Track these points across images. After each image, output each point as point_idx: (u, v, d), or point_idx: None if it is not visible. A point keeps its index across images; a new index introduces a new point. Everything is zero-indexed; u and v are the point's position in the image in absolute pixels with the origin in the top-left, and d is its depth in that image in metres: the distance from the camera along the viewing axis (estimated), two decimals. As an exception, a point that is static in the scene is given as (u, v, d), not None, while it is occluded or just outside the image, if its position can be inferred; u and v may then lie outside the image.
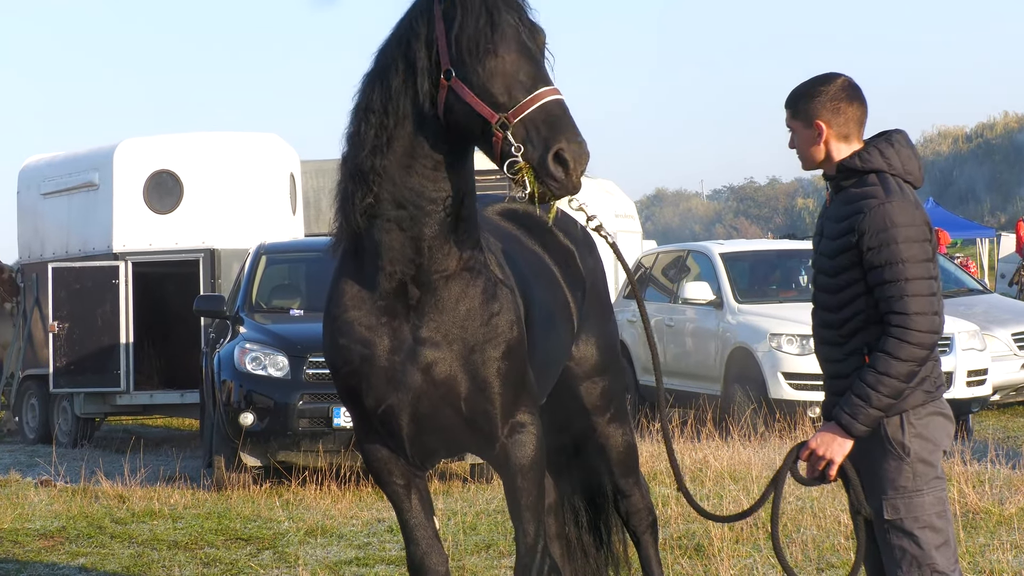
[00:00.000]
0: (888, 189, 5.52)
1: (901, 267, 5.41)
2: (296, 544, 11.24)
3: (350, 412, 6.54)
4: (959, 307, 20.05)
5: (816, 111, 5.64)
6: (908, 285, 5.40)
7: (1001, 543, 10.04)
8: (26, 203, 21.18)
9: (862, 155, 5.60)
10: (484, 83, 5.72)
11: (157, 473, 15.41)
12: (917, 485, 5.56)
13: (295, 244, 17.93)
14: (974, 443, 15.68)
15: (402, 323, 6.13)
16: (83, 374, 19.09)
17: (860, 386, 5.44)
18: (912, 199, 5.53)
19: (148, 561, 10.82)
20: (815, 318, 5.79)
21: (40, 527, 12.43)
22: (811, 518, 11.03)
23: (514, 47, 5.75)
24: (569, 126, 5.59)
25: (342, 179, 6.23)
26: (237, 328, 14.92)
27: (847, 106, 5.64)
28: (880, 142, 5.62)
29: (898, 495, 5.58)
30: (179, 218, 19.15)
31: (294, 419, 13.83)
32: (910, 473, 5.56)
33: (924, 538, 5.55)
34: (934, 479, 5.59)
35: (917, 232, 5.45)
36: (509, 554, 10.22)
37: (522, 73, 5.71)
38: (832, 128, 5.62)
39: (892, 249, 5.41)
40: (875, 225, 5.44)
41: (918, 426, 5.56)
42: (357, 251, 6.20)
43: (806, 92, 5.68)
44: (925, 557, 5.55)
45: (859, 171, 5.60)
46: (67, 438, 19.47)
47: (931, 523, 5.56)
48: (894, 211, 5.45)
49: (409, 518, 6.54)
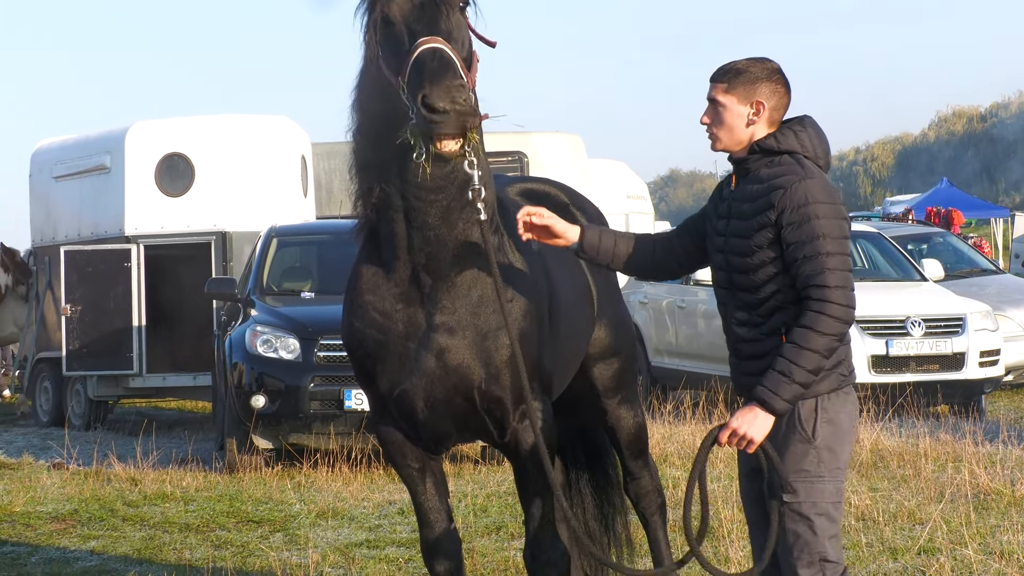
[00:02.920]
0: (805, 167, 5.53)
1: (821, 242, 5.41)
2: (307, 526, 11.26)
3: (366, 394, 6.57)
4: (972, 287, 20.06)
5: (757, 90, 5.61)
6: (828, 260, 5.39)
7: (1012, 524, 10.03)
8: (38, 186, 21.17)
9: (778, 136, 5.59)
10: (388, 54, 5.77)
11: (169, 456, 15.43)
12: (820, 471, 5.55)
13: (306, 227, 17.92)
14: (986, 424, 15.67)
15: (417, 309, 6.14)
16: (96, 357, 19.11)
17: (781, 362, 5.41)
18: (827, 179, 5.56)
19: (160, 544, 10.85)
20: (728, 300, 5.75)
21: (52, 510, 12.46)
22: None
23: (405, 10, 5.76)
24: (431, 71, 5.51)
25: (352, 170, 6.27)
26: (248, 311, 14.93)
27: (784, 92, 5.65)
28: (794, 125, 5.62)
29: (800, 479, 5.55)
30: (191, 201, 19.14)
31: (305, 401, 13.84)
32: (815, 459, 5.55)
33: (819, 525, 5.54)
34: (837, 469, 5.58)
35: (836, 210, 5.46)
36: (519, 536, 10.22)
37: (407, 34, 5.71)
38: (768, 110, 5.61)
39: (812, 224, 5.41)
40: (795, 201, 5.44)
41: (830, 411, 5.55)
42: (375, 238, 6.23)
43: (747, 69, 5.64)
44: (817, 544, 5.54)
45: (774, 152, 5.59)
46: (80, 421, 19.50)
47: (828, 512, 5.56)
48: (814, 187, 5.46)
49: (423, 501, 6.55)
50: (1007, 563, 8.78)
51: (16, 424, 21.02)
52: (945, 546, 9.31)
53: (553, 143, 22.73)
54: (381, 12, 5.79)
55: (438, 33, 5.66)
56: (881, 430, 14.28)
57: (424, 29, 5.68)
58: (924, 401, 16.58)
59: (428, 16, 5.73)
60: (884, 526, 10.13)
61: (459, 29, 5.82)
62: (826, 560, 5.54)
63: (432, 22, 5.71)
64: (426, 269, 6.08)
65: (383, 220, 6.13)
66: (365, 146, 6.13)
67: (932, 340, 16.98)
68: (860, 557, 9.26)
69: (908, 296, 17.93)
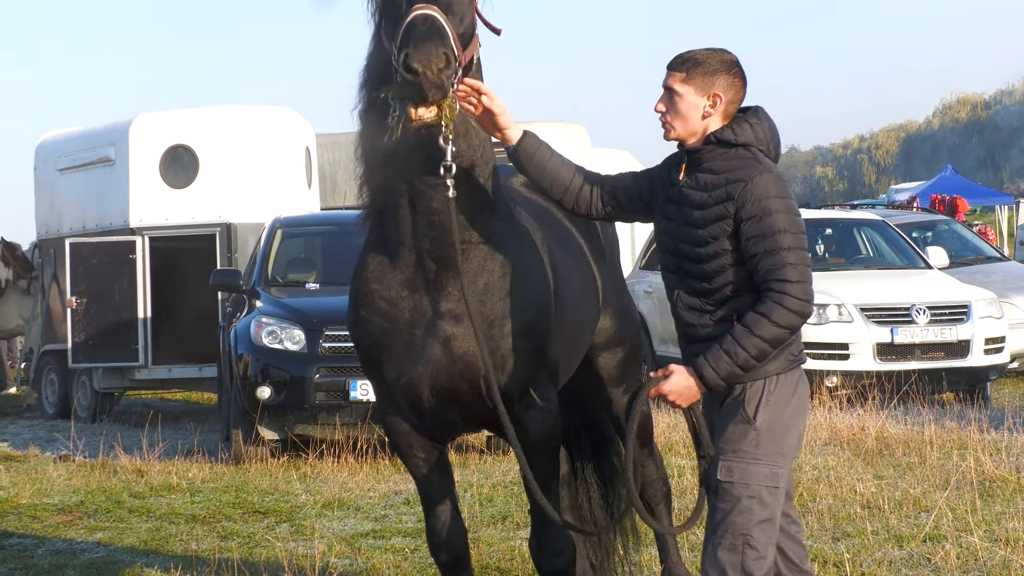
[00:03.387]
0: (762, 161, 5.54)
1: (781, 237, 5.43)
2: (313, 517, 11.27)
3: (372, 384, 6.57)
4: (977, 275, 20.05)
5: (715, 82, 5.60)
6: (788, 255, 5.42)
7: (1018, 511, 10.03)
8: (43, 179, 21.18)
9: (735, 128, 5.59)
10: (389, 26, 5.78)
11: (175, 447, 15.45)
12: (757, 454, 5.54)
13: (311, 218, 17.93)
14: (991, 411, 15.66)
15: (422, 296, 6.14)
16: (101, 349, 19.14)
17: (729, 341, 5.43)
18: (779, 173, 5.57)
19: (166, 535, 10.86)
20: (677, 284, 5.75)
21: (59, 502, 12.47)
22: (827, 488, 11.03)
23: None
24: (419, 34, 5.50)
25: (359, 156, 6.26)
26: (253, 302, 14.93)
27: (741, 86, 5.65)
28: (750, 117, 5.61)
29: (736, 458, 5.55)
30: (195, 192, 19.15)
31: (311, 392, 13.85)
32: (754, 440, 5.54)
33: (749, 507, 5.51)
34: (777, 454, 5.56)
35: (790, 204, 5.50)
36: (524, 526, 10.22)
37: (405, 3, 5.68)
38: (725, 100, 5.60)
39: (773, 219, 5.44)
40: (756, 194, 5.45)
41: (776, 394, 5.56)
42: (380, 225, 6.23)
43: (706, 60, 5.62)
44: (744, 527, 5.50)
45: (731, 144, 5.58)
46: (86, 413, 19.53)
47: (760, 495, 5.52)
48: (772, 182, 5.48)
49: (429, 491, 6.56)
50: (1013, 550, 8.78)
51: (22, 416, 21.05)
52: (951, 533, 9.31)
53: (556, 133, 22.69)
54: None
55: (435, 2, 5.64)
56: (886, 418, 14.29)
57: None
58: (929, 389, 16.58)
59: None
60: (889, 514, 10.13)
61: (460, 4, 5.79)
62: (750, 545, 5.49)
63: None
64: (431, 255, 6.08)
65: (388, 205, 6.13)
66: (371, 127, 6.13)
67: (937, 328, 16.98)
68: (866, 545, 9.26)
69: (913, 284, 17.93)
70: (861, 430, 13.60)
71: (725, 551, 5.51)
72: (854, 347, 16.84)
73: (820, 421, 14.26)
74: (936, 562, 8.69)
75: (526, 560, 8.96)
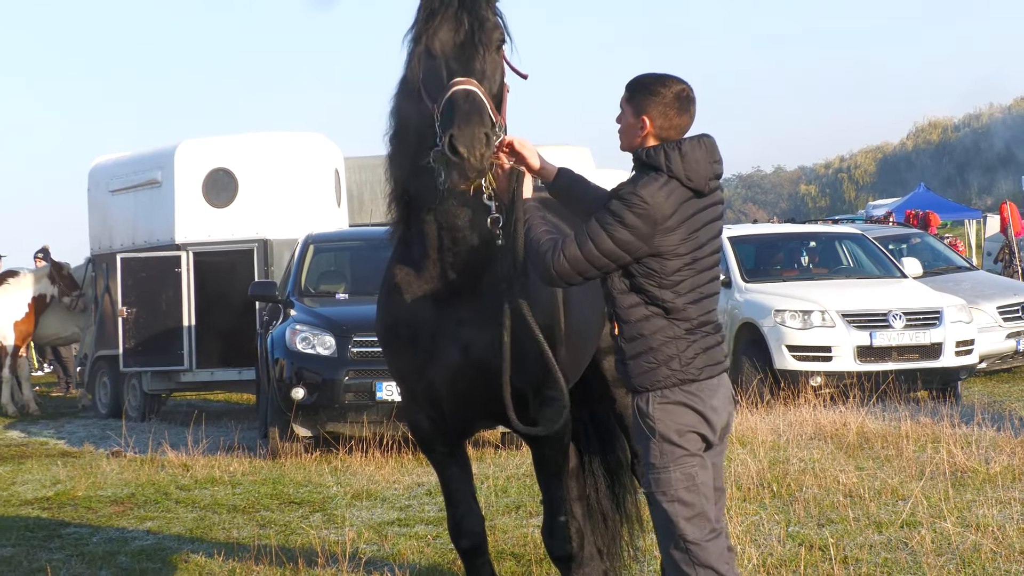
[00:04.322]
0: (650, 180, 5.48)
1: (604, 210, 5.47)
2: (343, 507, 11.27)
3: (398, 385, 6.58)
4: (948, 283, 20.03)
5: (647, 108, 5.56)
6: (594, 222, 5.46)
7: (987, 499, 10.01)
8: (96, 199, 21.21)
9: (650, 152, 5.54)
10: (426, 82, 5.75)
11: (217, 443, 15.45)
12: (664, 463, 5.55)
13: (340, 234, 17.93)
14: (962, 408, 15.63)
15: (445, 306, 6.14)
16: (150, 354, 19.15)
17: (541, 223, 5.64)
18: (671, 193, 5.45)
19: (210, 524, 10.86)
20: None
21: (111, 494, 12.48)
22: (812, 478, 11.01)
23: (446, 46, 5.76)
24: (462, 115, 5.50)
25: (387, 175, 6.27)
26: (288, 311, 14.94)
27: (675, 115, 5.56)
28: (677, 144, 5.52)
29: (651, 471, 5.59)
30: (235, 211, 19.16)
31: (341, 393, 13.86)
32: (658, 451, 5.56)
33: (672, 511, 5.54)
34: (682, 457, 5.55)
35: (629, 200, 5.42)
36: (536, 514, 10.22)
37: (446, 69, 5.70)
38: (654, 128, 5.56)
39: (612, 200, 5.48)
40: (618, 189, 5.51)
41: (665, 407, 5.54)
42: (407, 240, 6.23)
43: (646, 87, 5.58)
44: (675, 528, 5.55)
45: (642, 162, 5.56)
46: (136, 412, 19.54)
47: (679, 497, 5.54)
48: (630, 183, 5.47)
49: (450, 483, 6.56)
50: (982, 535, 8.76)
51: (78, 416, 21.07)
52: (926, 520, 9.29)
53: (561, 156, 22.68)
54: (425, 46, 5.78)
55: (472, 74, 5.66)
56: (866, 414, 14.27)
57: (460, 68, 5.68)
58: (905, 387, 16.55)
59: (466, 55, 5.73)
60: (869, 502, 10.11)
61: (493, 68, 5.81)
62: (686, 540, 5.53)
63: (468, 62, 5.72)
64: (454, 268, 6.08)
65: (415, 221, 6.13)
66: (400, 151, 6.13)
67: (912, 332, 16.96)
68: (848, 530, 9.25)
69: (890, 292, 17.90)
70: (843, 425, 13.58)
71: (672, 551, 5.60)
72: (836, 349, 16.82)
73: (805, 417, 14.25)
74: (912, 546, 8.68)
75: (538, 546, 8.95)
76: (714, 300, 5.70)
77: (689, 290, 5.54)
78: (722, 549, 5.60)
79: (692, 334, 5.55)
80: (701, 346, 5.58)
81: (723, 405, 5.68)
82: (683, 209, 5.48)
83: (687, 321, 5.54)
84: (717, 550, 5.57)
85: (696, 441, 5.59)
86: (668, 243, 5.48)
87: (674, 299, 5.52)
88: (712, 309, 5.67)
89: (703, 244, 5.57)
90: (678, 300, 5.52)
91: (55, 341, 24.06)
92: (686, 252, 5.51)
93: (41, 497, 12.56)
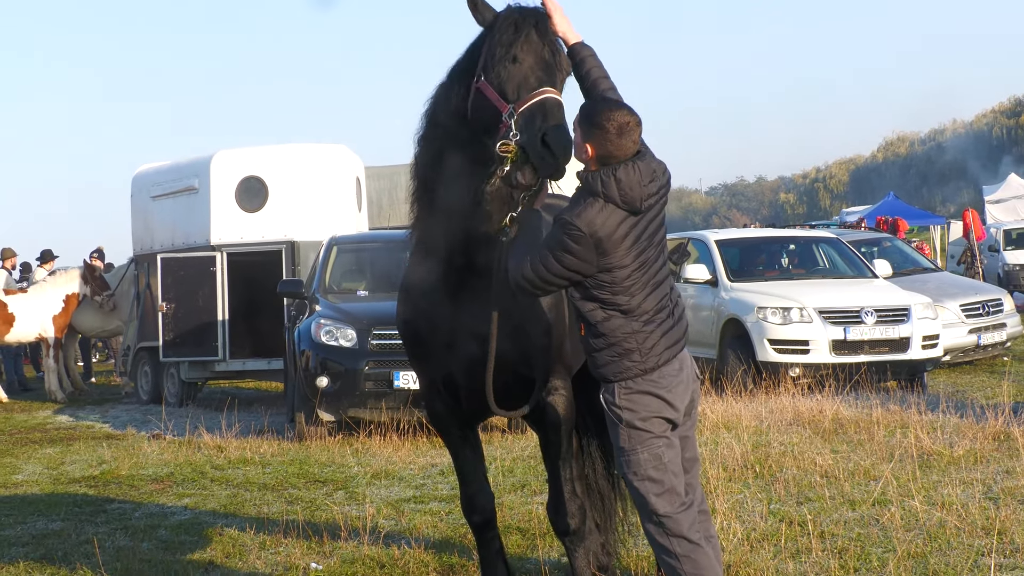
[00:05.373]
0: (578, 203, 5.49)
1: (550, 236, 5.50)
2: (364, 485, 11.26)
3: (417, 374, 6.57)
4: (915, 283, 19.99)
5: (589, 137, 5.53)
6: (544, 249, 5.49)
7: (951, 480, 10.00)
8: (138, 205, 21.21)
9: (589, 177, 5.52)
10: (501, 83, 5.71)
11: (249, 427, 15.45)
12: (632, 445, 5.57)
13: (361, 236, 17.90)
14: (928, 397, 15.61)
15: (462, 302, 6.13)
16: (187, 346, 19.17)
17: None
18: (608, 216, 5.45)
19: (242, 500, 10.86)
20: None
21: (152, 473, 12.49)
22: (792, 460, 11.00)
23: (531, 58, 5.73)
24: (556, 117, 5.52)
25: (412, 176, 6.24)
26: (313, 307, 14.94)
27: (615, 146, 5.49)
28: (609, 172, 5.48)
29: (621, 455, 5.63)
30: (265, 216, 19.16)
31: (361, 382, 13.85)
32: (625, 436, 5.58)
33: (643, 488, 5.58)
34: (649, 439, 5.56)
35: (581, 235, 5.42)
36: (540, 492, 10.21)
37: (532, 77, 5.68)
38: (595, 155, 5.52)
39: (554, 226, 5.50)
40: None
41: (629, 396, 5.56)
42: (426, 240, 6.21)
43: (590, 119, 5.54)
44: (647, 504, 5.58)
45: (581, 184, 5.55)
46: (174, 399, 19.55)
47: (648, 476, 5.57)
48: (571, 213, 5.46)
49: (463, 463, 6.56)
50: (947, 512, 8.74)
51: (121, 402, 21.08)
52: (895, 498, 9.27)
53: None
54: (513, 54, 5.74)
55: (556, 87, 5.70)
56: (840, 402, 14.25)
57: (548, 80, 5.68)
58: (876, 378, 16.54)
59: (548, 73, 5.73)
60: (844, 482, 10.10)
61: (561, 90, 5.81)
62: (657, 515, 5.57)
63: (551, 78, 5.72)
64: (471, 268, 6.06)
65: (434, 221, 6.11)
66: (427, 152, 6.10)
67: (882, 327, 16.93)
68: (824, 508, 9.24)
69: (862, 291, 17.87)
70: (820, 412, 13.56)
71: (647, 524, 5.65)
72: (813, 343, 16.80)
73: (785, 405, 14.22)
74: (883, 522, 8.66)
75: (542, 521, 8.95)
76: (666, 285, 5.67)
77: (641, 288, 5.55)
78: (692, 519, 5.62)
79: (649, 324, 5.56)
80: (659, 332, 5.59)
81: (686, 385, 5.68)
82: (621, 228, 5.48)
83: (644, 314, 5.56)
84: (688, 520, 5.60)
85: (660, 424, 5.60)
86: (613, 259, 5.49)
87: (628, 300, 5.53)
88: (666, 293, 5.65)
89: (645, 249, 5.56)
90: (632, 300, 5.53)
91: (100, 334, 24.13)
92: (632, 261, 5.52)
93: (88, 476, 12.57)
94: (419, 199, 6.21)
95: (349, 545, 8.77)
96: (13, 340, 22.27)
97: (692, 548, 5.57)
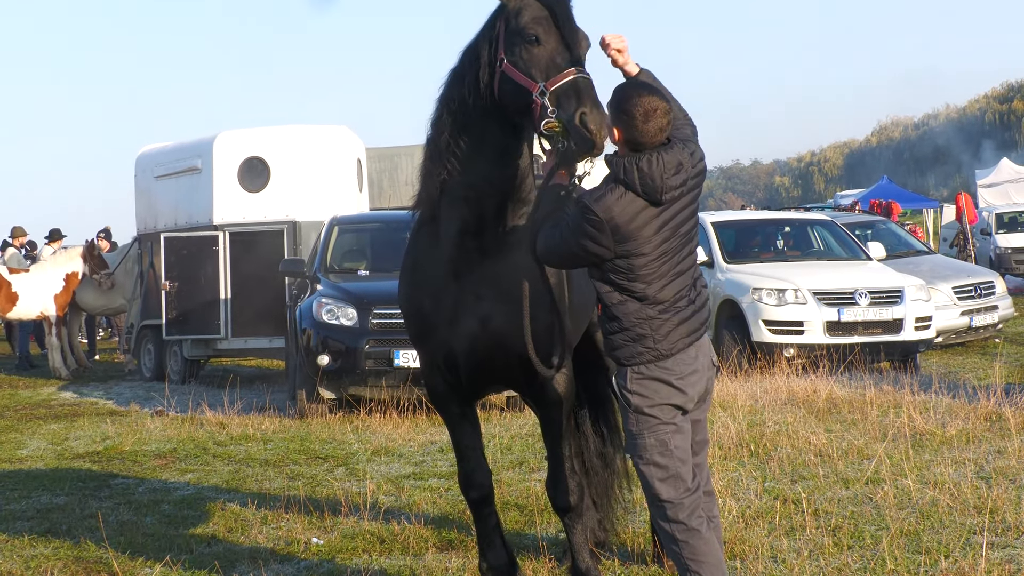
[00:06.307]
0: (601, 190, 5.48)
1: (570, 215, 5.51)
2: (364, 462, 11.26)
3: (418, 352, 6.56)
4: (908, 265, 20.00)
5: (617, 120, 5.52)
6: (564, 226, 5.51)
7: (943, 459, 10.01)
8: (142, 185, 21.17)
9: (615, 162, 5.51)
10: (528, 64, 5.69)
11: (251, 404, 15.45)
12: (639, 430, 5.57)
13: (362, 216, 17.89)
14: (921, 377, 15.61)
15: (465, 281, 6.12)
16: (190, 324, 19.15)
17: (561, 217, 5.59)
18: (627, 204, 5.42)
19: (244, 476, 10.86)
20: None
21: (155, 449, 12.49)
22: (786, 439, 11.00)
23: (555, 38, 5.72)
24: (591, 97, 5.54)
25: (424, 157, 6.23)
26: (315, 286, 14.93)
27: (639, 131, 5.46)
28: (633, 160, 5.46)
29: (629, 438, 5.64)
30: (267, 196, 19.12)
31: (362, 360, 13.84)
32: (634, 421, 5.58)
33: (648, 472, 5.59)
34: (656, 425, 5.55)
35: (597, 221, 5.41)
36: (538, 470, 10.21)
37: (559, 57, 5.68)
38: (623, 138, 5.51)
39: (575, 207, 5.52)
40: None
41: (640, 382, 5.54)
42: (432, 218, 6.20)
43: (620, 103, 5.51)
44: (651, 488, 5.60)
45: (611, 170, 5.53)
46: (177, 376, 19.55)
47: (653, 460, 5.57)
48: (592, 197, 5.45)
49: (461, 440, 6.55)
50: (939, 491, 8.75)
51: (125, 379, 21.07)
52: (888, 477, 9.28)
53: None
54: (532, 33, 5.73)
55: (584, 67, 5.69)
56: (834, 382, 14.25)
57: (575, 59, 5.69)
58: (870, 358, 16.54)
59: (574, 53, 5.72)
60: (838, 461, 10.10)
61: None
62: (660, 499, 5.58)
63: (577, 60, 5.71)
64: (477, 248, 6.06)
65: (443, 201, 6.10)
66: (442, 135, 6.09)
67: (876, 308, 16.93)
68: (818, 486, 9.24)
69: (856, 272, 17.87)
70: (814, 392, 13.57)
71: (650, 506, 5.70)
72: (808, 324, 16.79)
73: (780, 385, 14.23)
74: (876, 500, 8.67)
75: (539, 497, 8.96)
76: (689, 275, 5.62)
77: (659, 277, 5.50)
78: (695, 505, 5.61)
79: (665, 312, 5.51)
80: (675, 321, 5.54)
81: (701, 372, 5.64)
82: (641, 216, 5.44)
83: (660, 303, 5.51)
84: (691, 506, 5.59)
85: (670, 411, 5.58)
86: (631, 247, 5.45)
87: (645, 288, 5.50)
88: (688, 284, 5.60)
89: (668, 239, 5.51)
90: (649, 289, 5.49)
91: (104, 312, 24.11)
92: (652, 250, 5.47)
93: (92, 451, 12.56)
94: (429, 178, 6.18)
95: (349, 521, 8.77)
96: (15, 318, 22.28)
97: (691, 534, 5.56)
